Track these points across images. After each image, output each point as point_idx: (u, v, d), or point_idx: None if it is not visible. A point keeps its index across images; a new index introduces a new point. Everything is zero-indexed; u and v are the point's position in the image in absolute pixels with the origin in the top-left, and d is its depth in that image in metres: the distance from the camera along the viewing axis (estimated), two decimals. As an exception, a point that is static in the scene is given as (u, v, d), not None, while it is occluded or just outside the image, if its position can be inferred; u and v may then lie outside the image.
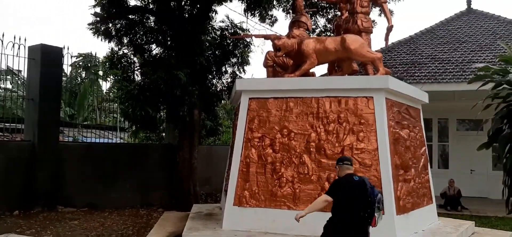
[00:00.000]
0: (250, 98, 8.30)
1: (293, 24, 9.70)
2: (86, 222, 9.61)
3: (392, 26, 9.26)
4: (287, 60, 9.10)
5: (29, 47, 11.40)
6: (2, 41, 10.86)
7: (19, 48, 11.13)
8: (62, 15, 51.04)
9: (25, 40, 11.25)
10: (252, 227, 7.63)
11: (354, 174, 5.47)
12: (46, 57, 11.29)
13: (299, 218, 5.32)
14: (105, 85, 24.52)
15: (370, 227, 5.31)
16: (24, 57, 11.31)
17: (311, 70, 8.82)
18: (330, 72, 9.63)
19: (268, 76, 9.26)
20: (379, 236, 6.85)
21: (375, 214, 5.21)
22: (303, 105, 7.94)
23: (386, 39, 9.49)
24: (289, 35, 9.15)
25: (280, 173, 7.82)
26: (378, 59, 8.25)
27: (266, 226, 7.58)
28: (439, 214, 9.68)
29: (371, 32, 9.11)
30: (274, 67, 9.33)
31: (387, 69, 8.70)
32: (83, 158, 11.82)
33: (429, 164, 9.53)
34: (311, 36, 11.02)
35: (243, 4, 13.52)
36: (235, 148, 8.26)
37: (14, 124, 12.60)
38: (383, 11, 10.20)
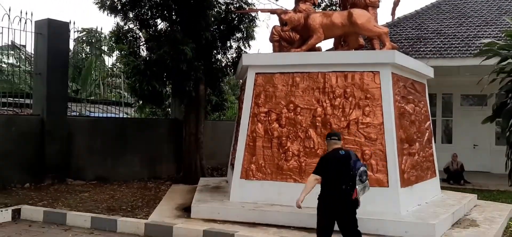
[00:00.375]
0: (256, 73, 8.38)
1: (299, -1, 9.67)
2: (96, 194, 9.82)
3: (398, 1, 9.26)
4: (293, 34, 9.13)
5: (36, 22, 11.42)
6: (8, 16, 10.91)
7: (26, 22, 11.18)
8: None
9: (31, 14, 11.25)
10: (258, 199, 7.82)
11: (341, 148, 5.60)
12: (53, 32, 11.32)
13: (299, 204, 5.46)
14: (109, 60, 24.55)
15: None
16: (31, 32, 11.36)
17: (317, 45, 8.87)
18: (337, 46, 9.67)
19: (274, 51, 9.30)
20: (384, 208, 7.07)
21: (357, 187, 5.26)
22: (309, 80, 8.02)
23: (393, 13, 9.52)
24: (295, 10, 9.13)
25: (286, 147, 7.97)
26: (384, 34, 8.29)
27: (272, 198, 7.77)
28: (442, 188, 9.85)
29: (378, 7, 9.12)
30: (280, 42, 9.36)
31: (393, 44, 8.74)
32: (91, 132, 11.97)
33: (433, 138, 9.65)
34: (317, 11, 10.99)
35: (249, -22, 13.40)
36: (242, 123, 8.38)
37: (23, 99, 12.72)
38: (389, -15, 10.19)
